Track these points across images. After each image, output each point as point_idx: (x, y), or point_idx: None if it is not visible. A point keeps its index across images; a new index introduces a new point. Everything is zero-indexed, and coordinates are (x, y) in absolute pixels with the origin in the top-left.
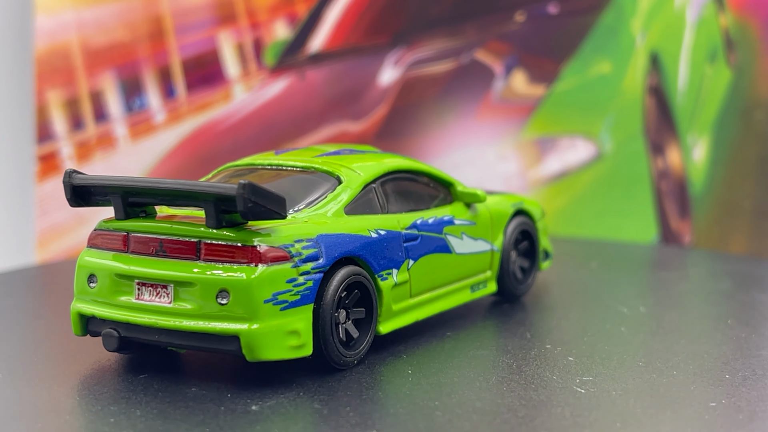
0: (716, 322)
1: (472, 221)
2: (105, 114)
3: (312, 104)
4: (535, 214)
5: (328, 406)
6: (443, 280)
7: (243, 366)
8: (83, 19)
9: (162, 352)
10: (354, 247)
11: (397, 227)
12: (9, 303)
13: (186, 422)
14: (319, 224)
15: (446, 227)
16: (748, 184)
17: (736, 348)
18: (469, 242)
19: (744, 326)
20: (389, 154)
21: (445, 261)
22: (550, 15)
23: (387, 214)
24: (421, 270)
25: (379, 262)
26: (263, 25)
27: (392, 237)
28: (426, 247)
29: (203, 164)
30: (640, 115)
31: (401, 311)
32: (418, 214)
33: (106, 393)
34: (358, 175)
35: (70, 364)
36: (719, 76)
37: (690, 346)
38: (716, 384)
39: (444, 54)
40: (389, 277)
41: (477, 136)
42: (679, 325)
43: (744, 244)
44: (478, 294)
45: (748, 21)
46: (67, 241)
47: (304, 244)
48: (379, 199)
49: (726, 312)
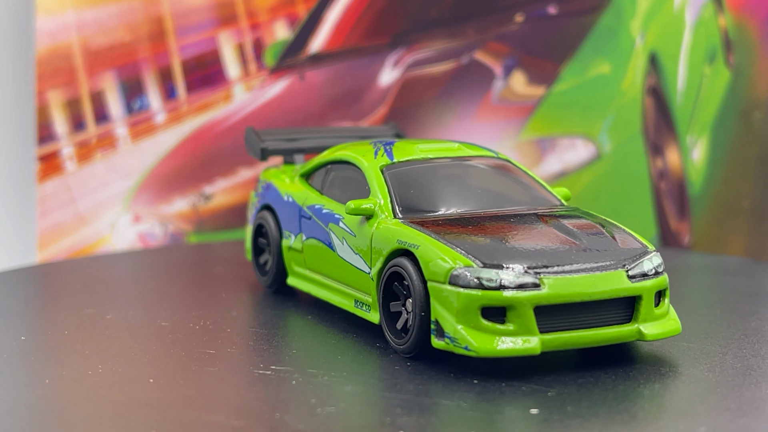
0: (716, 323)
1: (353, 232)
2: (106, 114)
3: (312, 105)
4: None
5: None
6: (329, 272)
7: None
8: (84, 20)
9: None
10: (271, 200)
11: (300, 202)
12: (9, 303)
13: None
14: (277, 181)
15: (331, 223)
16: (747, 184)
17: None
18: (348, 251)
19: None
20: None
21: (328, 255)
22: (550, 16)
23: (315, 192)
24: (309, 249)
25: (284, 223)
26: (263, 25)
27: (294, 207)
28: (313, 232)
29: (204, 164)
30: (639, 115)
31: (301, 275)
32: (329, 202)
33: (107, 392)
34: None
35: (70, 364)
36: (718, 77)
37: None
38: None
39: (444, 55)
40: (288, 239)
41: (476, 137)
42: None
43: (743, 245)
44: (360, 313)
45: (746, 22)
46: (68, 241)
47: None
48: (324, 180)
49: (726, 312)
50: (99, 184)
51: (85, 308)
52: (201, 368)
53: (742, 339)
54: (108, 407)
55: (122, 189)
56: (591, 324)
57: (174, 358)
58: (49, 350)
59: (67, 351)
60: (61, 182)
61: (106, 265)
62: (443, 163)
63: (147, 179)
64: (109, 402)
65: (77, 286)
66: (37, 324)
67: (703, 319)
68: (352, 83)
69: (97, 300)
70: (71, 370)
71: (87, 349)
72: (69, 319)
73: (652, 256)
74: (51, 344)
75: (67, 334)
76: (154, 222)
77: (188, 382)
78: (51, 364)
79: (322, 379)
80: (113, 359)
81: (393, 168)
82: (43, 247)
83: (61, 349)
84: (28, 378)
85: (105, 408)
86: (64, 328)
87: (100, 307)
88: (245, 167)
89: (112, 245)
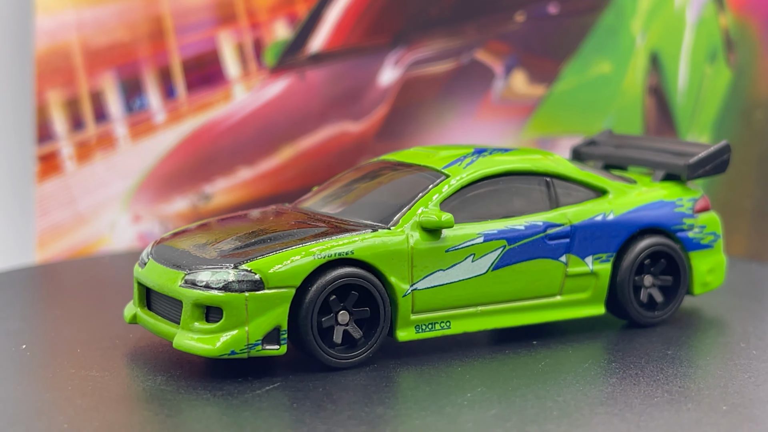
0: (718, 322)
1: None
2: (105, 114)
3: (312, 104)
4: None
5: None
6: None
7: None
8: (83, 19)
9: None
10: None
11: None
12: (9, 302)
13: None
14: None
15: None
16: (748, 184)
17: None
18: None
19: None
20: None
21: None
22: (550, 15)
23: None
24: None
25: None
26: (263, 25)
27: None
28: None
29: (204, 164)
30: (640, 115)
31: None
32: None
33: (107, 393)
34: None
35: (70, 364)
36: (719, 76)
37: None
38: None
39: (444, 54)
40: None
41: (477, 137)
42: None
43: (744, 244)
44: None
45: (747, 21)
46: (67, 241)
47: None
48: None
49: (726, 313)
50: (98, 184)
51: (84, 308)
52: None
53: (743, 339)
54: (113, 403)
55: (122, 189)
56: (164, 315)
57: (175, 355)
58: (50, 350)
59: (67, 350)
60: (60, 182)
61: (105, 265)
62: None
63: (147, 179)
64: (113, 400)
65: (77, 286)
66: (37, 324)
67: (703, 320)
68: (353, 83)
69: (97, 300)
70: (72, 370)
71: (87, 348)
72: (68, 320)
73: (223, 270)
74: (51, 344)
75: (68, 333)
76: (154, 222)
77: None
78: (52, 364)
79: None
80: (114, 359)
81: None
82: (42, 246)
83: (62, 349)
84: (28, 378)
85: (114, 407)
86: (64, 327)
87: (101, 307)
88: (245, 167)
89: (111, 245)
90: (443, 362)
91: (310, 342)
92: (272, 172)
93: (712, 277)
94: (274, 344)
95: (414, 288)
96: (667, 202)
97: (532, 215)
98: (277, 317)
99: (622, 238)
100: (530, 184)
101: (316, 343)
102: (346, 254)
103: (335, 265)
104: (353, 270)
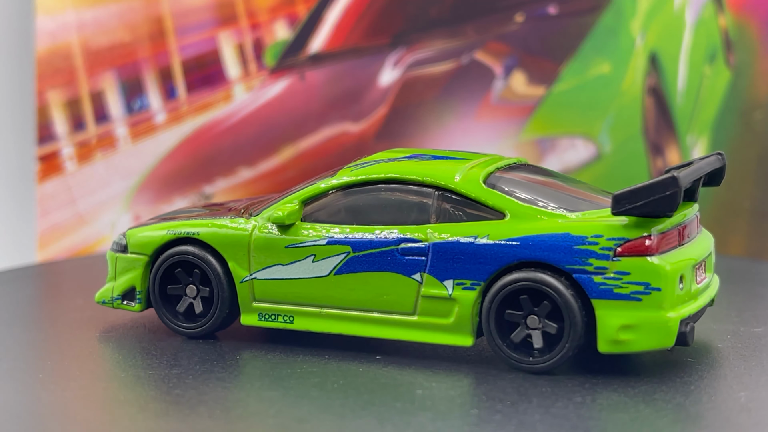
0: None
1: None
2: (106, 114)
3: (312, 105)
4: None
5: None
6: None
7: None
8: (84, 20)
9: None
10: None
11: None
12: (9, 302)
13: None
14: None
15: None
16: (748, 184)
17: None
18: None
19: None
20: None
21: None
22: (550, 16)
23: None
24: None
25: None
26: (263, 25)
27: None
28: None
29: (204, 164)
30: (639, 115)
31: None
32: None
33: (107, 394)
34: None
35: (70, 364)
36: (718, 77)
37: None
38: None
39: (444, 55)
40: None
41: (476, 137)
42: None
43: (744, 245)
44: None
45: (747, 21)
46: (68, 241)
47: None
48: None
49: (726, 314)
50: (99, 184)
51: (84, 308)
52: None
53: (743, 339)
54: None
55: (122, 189)
56: None
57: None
58: (50, 350)
59: (67, 350)
60: (61, 182)
61: (106, 265)
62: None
63: (147, 179)
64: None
65: (77, 286)
66: (36, 323)
67: (703, 319)
68: (352, 83)
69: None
70: (72, 370)
71: (87, 348)
72: (68, 320)
73: (119, 234)
74: (51, 344)
75: (68, 333)
76: None
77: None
78: (51, 364)
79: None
80: (113, 359)
81: None
82: (43, 246)
83: (62, 349)
84: (27, 378)
85: (114, 407)
86: (63, 327)
87: (101, 307)
88: (245, 167)
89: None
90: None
91: (156, 305)
92: (272, 173)
93: (630, 335)
94: (131, 301)
95: (253, 277)
96: (572, 236)
97: (394, 226)
98: (133, 279)
99: (494, 267)
100: (419, 195)
101: (157, 308)
102: (192, 234)
103: (185, 243)
104: (188, 248)
